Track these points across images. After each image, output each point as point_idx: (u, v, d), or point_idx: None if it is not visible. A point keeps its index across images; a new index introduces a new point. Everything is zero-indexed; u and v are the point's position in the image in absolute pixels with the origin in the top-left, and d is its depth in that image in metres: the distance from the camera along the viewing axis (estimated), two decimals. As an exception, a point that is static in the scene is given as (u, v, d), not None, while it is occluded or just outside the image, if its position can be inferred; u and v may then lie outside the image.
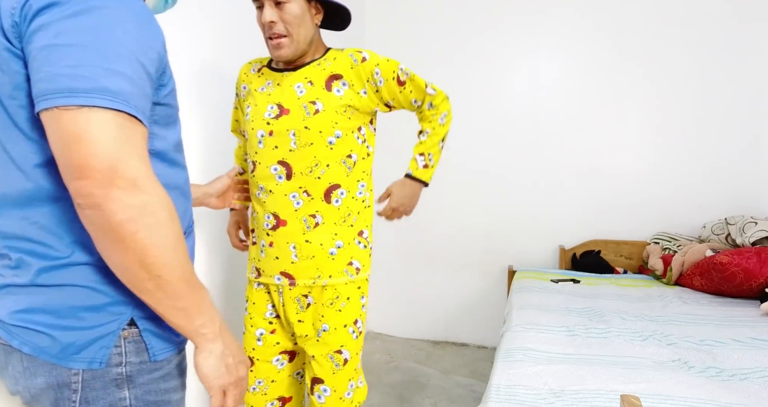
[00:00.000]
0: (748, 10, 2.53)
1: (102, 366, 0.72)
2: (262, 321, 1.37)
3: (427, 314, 3.16)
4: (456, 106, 2.98)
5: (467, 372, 2.68)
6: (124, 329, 0.74)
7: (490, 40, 2.89)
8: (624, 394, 1.03)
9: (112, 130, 0.61)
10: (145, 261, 0.65)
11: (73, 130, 0.60)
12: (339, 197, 1.31)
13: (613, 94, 2.76)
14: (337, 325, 1.31)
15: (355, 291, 1.34)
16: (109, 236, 0.64)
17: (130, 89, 0.64)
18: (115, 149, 0.61)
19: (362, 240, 1.38)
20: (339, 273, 1.31)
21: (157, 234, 0.65)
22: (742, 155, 2.61)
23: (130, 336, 0.75)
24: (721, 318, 1.96)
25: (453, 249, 3.08)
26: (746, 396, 1.33)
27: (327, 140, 1.27)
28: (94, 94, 0.61)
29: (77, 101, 0.60)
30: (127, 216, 0.62)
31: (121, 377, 0.74)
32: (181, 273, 0.69)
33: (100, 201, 0.61)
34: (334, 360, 1.31)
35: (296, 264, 1.29)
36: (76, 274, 0.71)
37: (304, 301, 1.31)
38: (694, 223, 2.69)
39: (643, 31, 2.67)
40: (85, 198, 0.61)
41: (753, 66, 2.56)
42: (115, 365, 0.74)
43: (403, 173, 1.50)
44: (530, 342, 1.68)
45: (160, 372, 0.79)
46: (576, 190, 2.85)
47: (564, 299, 2.18)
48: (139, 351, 0.75)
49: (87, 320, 0.71)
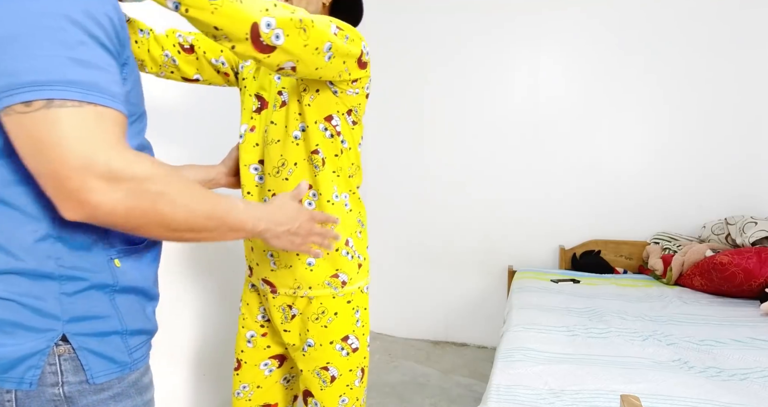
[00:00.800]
0: (749, 10, 2.53)
1: (33, 387, 0.65)
2: (253, 323, 1.31)
3: (427, 314, 3.16)
4: (456, 106, 3.00)
5: (467, 372, 2.68)
6: (59, 345, 0.66)
7: (490, 40, 2.89)
8: (624, 394, 1.04)
9: (74, 129, 0.56)
10: (170, 228, 0.66)
11: (36, 135, 0.55)
12: (311, 200, 1.16)
13: (614, 94, 2.76)
14: (323, 342, 1.21)
15: (344, 306, 1.22)
16: (126, 229, 0.63)
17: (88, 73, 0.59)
18: (81, 148, 0.56)
19: (348, 249, 1.21)
20: (320, 286, 1.19)
21: (165, 205, 0.63)
22: (742, 155, 2.61)
23: (66, 353, 0.66)
24: (721, 318, 1.96)
25: (453, 250, 3.08)
26: (746, 396, 1.33)
27: (292, 135, 1.13)
28: (54, 87, 0.56)
29: (39, 95, 0.55)
30: (124, 210, 0.60)
31: (59, 398, 0.66)
32: (210, 215, 0.69)
33: (89, 211, 0.58)
34: (320, 376, 1.23)
35: (275, 272, 1.20)
36: (2, 286, 0.63)
37: (288, 312, 1.23)
38: (694, 223, 2.69)
39: (643, 30, 2.67)
40: (73, 212, 0.58)
41: (753, 66, 2.56)
42: (51, 385, 0.66)
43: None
44: (530, 342, 1.68)
45: (108, 392, 0.70)
46: (576, 190, 2.85)
47: (564, 299, 2.18)
48: (77, 369, 0.67)
49: (11, 336, 0.64)
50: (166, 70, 1.23)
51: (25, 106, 0.55)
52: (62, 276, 0.66)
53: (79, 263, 0.67)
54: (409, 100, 3.07)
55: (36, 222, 0.64)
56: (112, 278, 0.71)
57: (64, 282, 0.66)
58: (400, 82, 3.06)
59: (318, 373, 1.23)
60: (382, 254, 3.22)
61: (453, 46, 2.95)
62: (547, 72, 2.85)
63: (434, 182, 3.08)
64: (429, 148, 3.07)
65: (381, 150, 3.17)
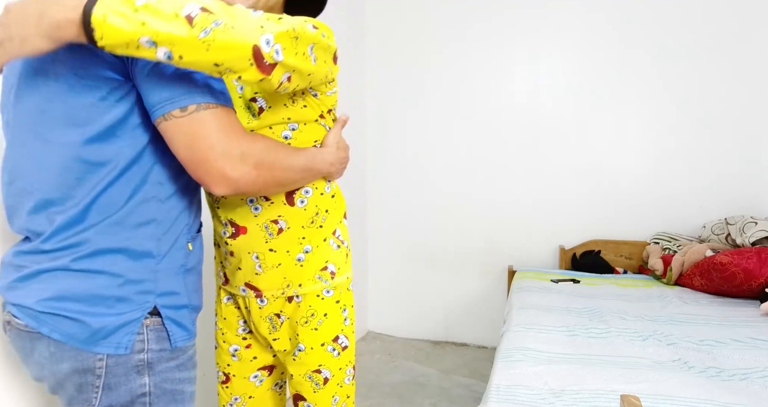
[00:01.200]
0: (749, 12, 2.53)
1: (127, 352, 0.77)
2: (234, 337, 1.26)
3: (427, 314, 3.16)
4: (456, 105, 3.00)
5: (467, 372, 2.68)
6: (147, 317, 0.80)
7: (490, 41, 2.89)
8: (624, 394, 1.03)
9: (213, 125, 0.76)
10: (285, 185, 0.96)
11: (191, 132, 0.75)
12: (304, 197, 1.12)
13: (614, 94, 2.76)
14: (314, 345, 1.18)
15: (333, 307, 1.20)
16: (254, 192, 0.90)
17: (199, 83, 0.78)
18: (222, 138, 0.76)
19: (336, 240, 1.20)
20: (310, 281, 1.16)
21: (279, 171, 0.88)
22: (742, 155, 2.61)
23: (152, 325, 0.80)
24: (721, 318, 1.96)
25: (453, 250, 3.08)
26: (746, 396, 1.33)
27: (281, 135, 1.07)
28: (199, 94, 0.76)
29: (192, 101, 0.75)
30: (254, 177, 0.81)
31: (143, 363, 0.79)
32: (304, 168, 0.97)
33: (233, 182, 0.78)
34: (313, 379, 1.21)
35: (261, 276, 1.14)
36: (106, 262, 0.77)
37: (276, 321, 1.19)
38: (694, 223, 2.69)
39: (644, 30, 2.67)
40: (221, 186, 0.78)
41: (753, 66, 2.56)
42: (138, 351, 0.79)
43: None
44: (530, 342, 1.68)
45: (176, 361, 0.84)
46: (576, 190, 2.85)
47: (564, 299, 2.18)
48: (159, 339, 0.81)
49: (115, 307, 0.77)
50: None
51: (181, 110, 0.73)
52: (158, 254, 0.82)
53: (170, 245, 0.83)
54: (409, 100, 3.07)
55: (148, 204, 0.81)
56: (185, 258, 0.87)
57: (160, 261, 0.82)
58: (400, 82, 3.06)
59: (310, 377, 1.21)
60: (382, 254, 3.23)
61: (452, 46, 2.95)
62: (548, 73, 2.85)
63: (434, 182, 3.08)
64: (429, 148, 3.07)
65: (381, 150, 3.17)
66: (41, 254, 0.78)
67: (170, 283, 0.83)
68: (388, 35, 3.07)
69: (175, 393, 0.84)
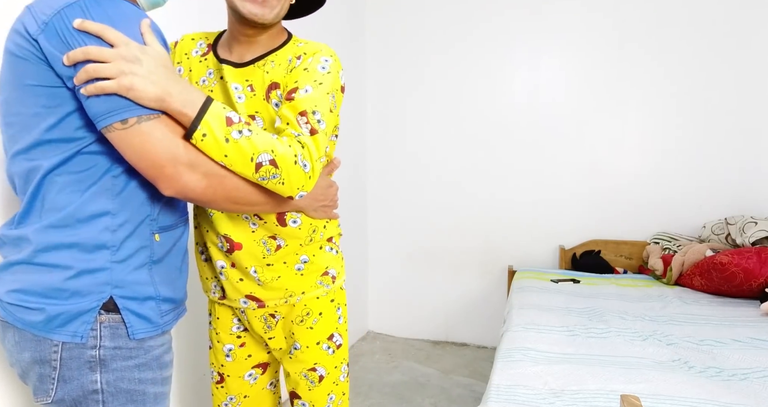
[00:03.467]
0: (749, 11, 2.53)
1: (83, 341, 0.79)
2: (228, 336, 1.26)
3: (427, 314, 3.16)
4: (456, 105, 3.00)
5: (467, 372, 2.68)
6: (101, 313, 0.81)
7: (489, 40, 2.89)
8: (624, 394, 1.03)
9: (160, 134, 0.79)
10: (237, 202, 0.91)
11: (136, 143, 0.77)
12: (296, 217, 1.12)
13: (614, 94, 2.76)
14: (309, 343, 1.20)
15: (328, 305, 1.22)
16: (203, 203, 0.89)
17: None
18: (168, 146, 0.78)
19: (332, 245, 1.22)
20: (312, 287, 1.18)
21: (228, 183, 0.87)
22: (742, 155, 2.61)
23: (107, 321, 0.81)
24: (721, 318, 1.96)
25: (453, 249, 3.08)
26: (746, 396, 1.33)
27: None
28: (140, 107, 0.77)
29: (132, 114, 0.76)
30: (202, 187, 0.83)
31: (95, 359, 0.80)
32: (267, 195, 0.94)
33: (179, 188, 0.81)
34: (308, 377, 1.22)
35: (263, 287, 1.15)
36: (60, 256, 0.79)
37: (271, 320, 1.20)
38: (694, 223, 2.69)
39: (644, 30, 2.67)
40: (169, 190, 0.80)
41: (754, 66, 2.56)
42: (90, 347, 0.80)
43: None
44: (530, 342, 1.68)
45: (135, 361, 0.83)
46: (576, 190, 2.85)
47: (564, 299, 2.18)
48: (115, 336, 0.82)
49: (71, 299, 0.79)
50: None
51: (122, 123, 0.76)
52: (113, 245, 0.82)
53: (127, 235, 0.83)
54: (408, 100, 3.07)
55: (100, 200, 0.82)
56: (150, 250, 0.87)
57: (115, 252, 0.82)
58: (400, 82, 3.06)
59: (306, 375, 1.22)
60: (382, 254, 3.23)
61: (452, 46, 2.95)
62: (548, 73, 2.85)
63: (434, 182, 3.08)
64: (429, 148, 3.07)
65: (381, 150, 3.17)
66: (11, 245, 0.84)
67: (131, 275, 0.83)
68: (388, 35, 3.07)
69: (133, 393, 0.83)
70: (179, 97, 0.80)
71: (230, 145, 0.85)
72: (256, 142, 0.87)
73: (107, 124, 0.76)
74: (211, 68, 1.10)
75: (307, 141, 0.96)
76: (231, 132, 0.85)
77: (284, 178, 0.91)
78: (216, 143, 0.84)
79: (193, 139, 0.83)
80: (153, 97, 0.77)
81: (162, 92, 0.78)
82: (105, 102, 0.75)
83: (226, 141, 0.85)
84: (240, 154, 0.86)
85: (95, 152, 0.80)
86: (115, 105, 0.75)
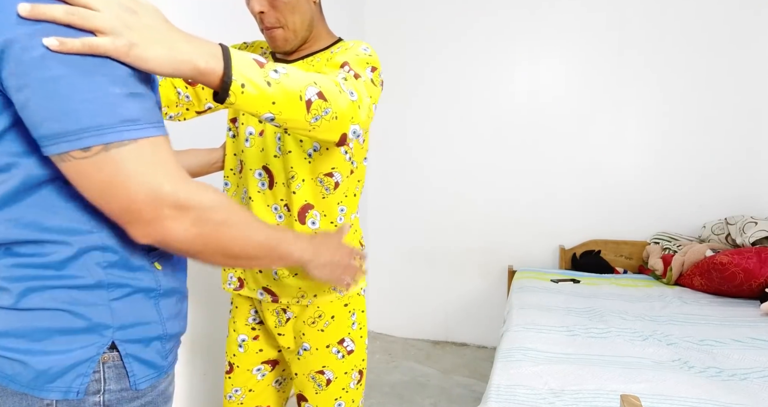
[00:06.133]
0: (748, 10, 2.53)
1: (80, 396, 0.65)
2: (244, 326, 1.28)
3: (427, 314, 3.16)
4: (455, 105, 3.00)
5: (467, 372, 2.68)
6: (105, 353, 0.66)
7: (489, 40, 2.89)
8: (624, 394, 1.04)
9: (138, 163, 0.58)
10: (231, 255, 0.69)
11: (101, 178, 0.57)
12: (315, 219, 1.13)
13: (614, 94, 2.76)
14: (319, 346, 1.20)
15: (341, 310, 1.21)
16: (189, 254, 0.67)
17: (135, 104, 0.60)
18: (148, 182, 0.58)
19: None
20: (325, 291, 1.18)
21: (227, 234, 0.66)
22: (742, 155, 2.61)
23: (111, 361, 0.67)
24: (721, 318, 1.96)
25: (453, 249, 3.08)
26: (746, 396, 1.33)
27: (306, 151, 1.10)
28: (112, 129, 0.56)
29: (98, 140, 0.55)
30: (191, 237, 0.63)
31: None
32: (263, 244, 0.73)
33: (160, 237, 0.61)
34: (315, 380, 1.22)
35: (278, 282, 1.17)
36: (54, 296, 0.64)
37: (283, 316, 1.22)
38: (694, 223, 2.69)
39: (644, 29, 2.67)
40: (145, 238, 0.61)
41: (754, 66, 2.56)
42: (93, 393, 0.66)
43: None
44: (530, 342, 1.68)
45: (141, 401, 0.71)
46: (576, 190, 2.85)
47: (564, 299, 2.18)
48: (120, 377, 0.68)
49: (63, 345, 0.64)
50: (182, 108, 1.19)
51: (83, 151, 0.55)
52: (111, 283, 0.66)
53: (123, 269, 0.68)
54: (408, 100, 3.07)
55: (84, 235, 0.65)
56: (155, 282, 0.71)
57: (113, 290, 0.67)
58: (400, 82, 3.06)
59: (313, 377, 1.22)
60: (382, 254, 3.22)
61: (452, 46, 2.95)
62: (547, 73, 2.85)
63: (434, 182, 3.08)
64: (429, 148, 3.07)
65: (381, 150, 3.17)
66: None
67: (135, 313, 0.69)
68: (388, 35, 3.07)
69: None
70: (195, 51, 0.63)
71: (274, 88, 0.73)
72: (297, 78, 0.77)
73: (60, 151, 0.55)
74: None
75: (349, 77, 0.93)
76: (268, 73, 0.73)
77: (336, 111, 0.83)
78: (259, 91, 0.71)
79: (232, 94, 0.69)
80: (162, 58, 0.59)
81: (172, 50, 0.61)
82: (59, 116, 0.54)
83: (269, 85, 0.72)
84: (288, 96, 0.75)
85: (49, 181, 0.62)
86: (75, 122, 0.54)
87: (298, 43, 1.10)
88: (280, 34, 1.07)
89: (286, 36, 1.07)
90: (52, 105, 0.54)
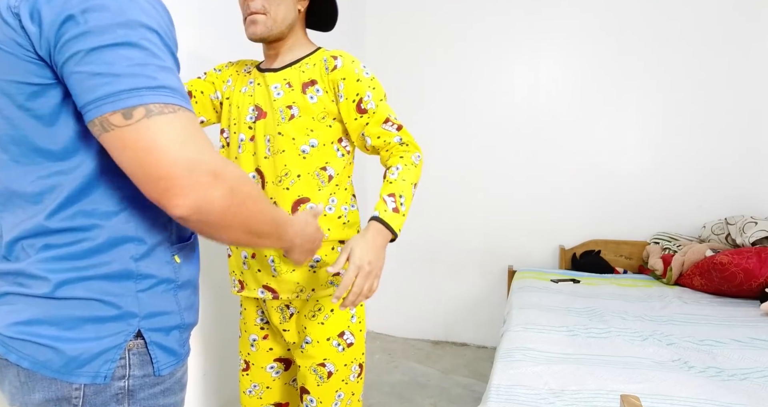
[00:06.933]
0: (751, 9, 2.53)
1: (106, 381, 0.69)
2: (253, 326, 1.34)
3: (427, 314, 3.16)
4: (455, 105, 3.00)
5: (467, 372, 2.68)
6: (131, 340, 0.71)
7: (489, 40, 2.89)
8: (624, 394, 1.03)
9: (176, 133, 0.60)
10: (250, 231, 0.72)
11: (142, 145, 0.59)
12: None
13: (614, 94, 2.76)
14: (320, 338, 1.25)
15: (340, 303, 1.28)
16: (216, 228, 0.67)
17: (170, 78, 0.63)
18: (187, 150, 0.60)
19: None
20: (323, 286, 1.24)
21: (251, 208, 0.69)
22: (742, 155, 2.61)
23: (135, 348, 0.71)
24: (721, 318, 1.96)
25: (453, 249, 3.08)
26: (746, 396, 1.33)
27: (300, 148, 1.18)
28: (152, 92, 0.60)
29: (139, 101, 0.59)
30: (225, 206, 0.64)
31: (123, 391, 0.71)
32: (273, 221, 0.78)
33: (196, 206, 0.61)
34: (317, 372, 1.26)
35: (277, 278, 1.22)
36: (88, 287, 0.68)
37: (286, 312, 1.27)
38: (694, 223, 2.69)
39: (643, 30, 2.67)
40: (180, 208, 0.61)
41: (754, 66, 2.56)
42: (118, 378, 0.70)
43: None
44: (530, 342, 1.68)
45: (161, 387, 0.76)
46: (576, 190, 2.85)
47: (564, 299, 2.18)
48: (143, 363, 0.73)
49: (93, 332, 0.68)
50: None
51: (125, 118, 0.58)
52: (139, 274, 0.71)
53: (150, 261, 0.72)
54: (408, 100, 3.06)
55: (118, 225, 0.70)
56: (174, 274, 0.75)
57: (140, 281, 0.71)
58: (400, 82, 3.06)
59: (315, 370, 1.26)
60: (382, 254, 3.22)
61: (452, 46, 2.95)
62: (548, 73, 2.85)
63: (434, 182, 3.07)
64: (429, 148, 3.06)
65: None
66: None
67: (158, 303, 0.73)
68: (388, 36, 3.07)
69: None
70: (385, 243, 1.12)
71: (412, 193, 1.17)
72: (412, 175, 1.20)
73: (102, 113, 0.58)
74: (252, 78, 1.24)
75: (405, 138, 1.23)
76: (402, 213, 1.14)
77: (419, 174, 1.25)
78: (401, 218, 1.14)
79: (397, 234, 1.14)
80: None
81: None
82: (101, 84, 0.58)
83: (404, 216, 1.15)
84: (409, 199, 1.18)
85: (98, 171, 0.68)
86: (114, 87, 0.58)
87: (275, 35, 1.18)
88: (261, 19, 1.14)
89: (266, 22, 1.15)
90: (94, 73, 0.58)
